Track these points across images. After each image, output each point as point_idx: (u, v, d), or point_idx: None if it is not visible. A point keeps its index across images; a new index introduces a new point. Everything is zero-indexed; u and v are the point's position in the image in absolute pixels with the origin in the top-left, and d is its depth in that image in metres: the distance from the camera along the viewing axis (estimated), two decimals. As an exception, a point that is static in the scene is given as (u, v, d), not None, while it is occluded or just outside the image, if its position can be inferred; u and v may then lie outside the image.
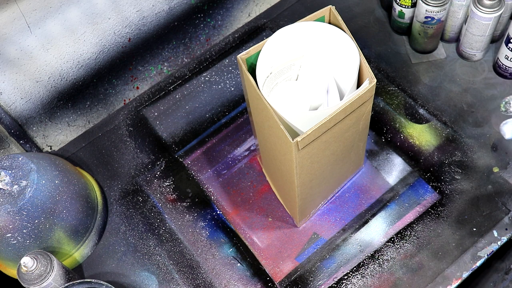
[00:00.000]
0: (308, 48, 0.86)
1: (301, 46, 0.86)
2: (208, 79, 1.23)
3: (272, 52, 0.83)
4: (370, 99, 0.84)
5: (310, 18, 0.84)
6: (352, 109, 0.80)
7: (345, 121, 0.82)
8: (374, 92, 0.83)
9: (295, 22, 0.83)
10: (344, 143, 0.90)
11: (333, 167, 0.94)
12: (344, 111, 0.78)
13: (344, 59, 0.84)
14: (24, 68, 1.08)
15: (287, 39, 0.84)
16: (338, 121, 0.80)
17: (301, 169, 0.85)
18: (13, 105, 1.12)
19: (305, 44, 0.86)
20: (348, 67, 0.83)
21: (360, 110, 0.84)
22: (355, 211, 1.04)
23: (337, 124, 0.80)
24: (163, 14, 1.24)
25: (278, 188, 1.05)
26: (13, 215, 0.91)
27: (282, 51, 0.85)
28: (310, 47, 0.86)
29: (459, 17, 1.12)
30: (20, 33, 1.02)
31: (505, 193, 1.02)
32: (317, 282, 0.99)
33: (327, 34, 0.84)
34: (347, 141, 0.90)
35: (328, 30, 0.83)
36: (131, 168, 1.13)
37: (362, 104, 0.82)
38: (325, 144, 0.83)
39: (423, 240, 1.00)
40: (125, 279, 1.02)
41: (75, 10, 1.08)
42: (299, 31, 0.84)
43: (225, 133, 1.16)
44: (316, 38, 0.85)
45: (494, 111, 1.10)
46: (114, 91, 1.29)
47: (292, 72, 0.89)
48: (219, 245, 1.04)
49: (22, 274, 0.89)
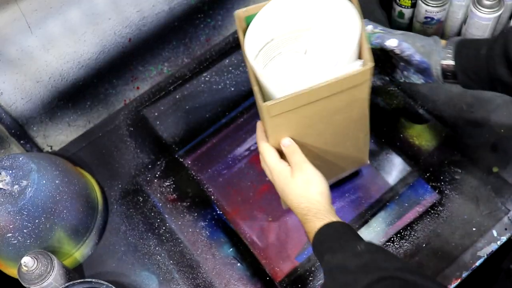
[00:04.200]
0: (316, 19, 0.82)
1: (308, 15, 0.81)
2: (208, 79, 1.23)
3: (274, 16, 0.79)
4: (365, 84, 0.79)
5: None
6: (340, 88, 0.76)
7: (333, 101, 0.77)
8: (370, 78, 0.78)
9: None
10: (334, 128, 0.86)
11: (325, 152, 0.90)
12: (328, 88, 0.74)
13: (347, 33, 0.79)
14: (25, 68, 1.08)
15: (292, 5, 0.80)
16: (321, 98, 0.75)
17: (276, 139, 0.81)
18: (13, 105, 1.12)
19: (312, 13, 0.81)
20: (348, 41, 0.78)
21: (351, 93, 0.79)
22: (355, 211, 1.04)
23: (321, 100, 0.76)
24: (164, 14, 1.24)
25: None
26: (14, 215, 0.91)
27: (285, 16, 0.80)
28: (319, 18, 0.82)
29: (459, 18, 1.12)
30: (20, 33, 1.02)
31: (505, 193, 1.02)
32: (317, 282, 0.99)
33: (334, 5, 0.79)
34: (339, 126, 0.86)
35: (335, 1, 0.79)
36: (131, 168, 1.14)
37: (354, 87, 0.77)
38: (307, 120, 0.79)
39: (423, 240, 1.00)
40: (126, 278, 1.02)
41: (76, 10, 1.08)
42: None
43: (225, 133, 1.16)
44: (324, 9, 0.80)
45: (494, 111, 1.10)
46: (114, 91, 1.29)
47: (298, 44, 0.84)
48: (219, 245, 1.04)
49: (22, 274, 0.89)
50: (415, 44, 0.88)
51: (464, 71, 0.85)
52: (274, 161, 0.83)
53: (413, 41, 0.88)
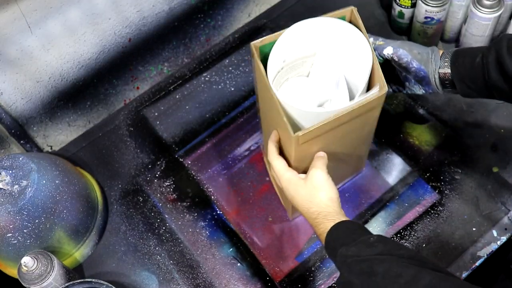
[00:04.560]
0: (323, 44, 0.85)
1: (317, 41, 0.85)
2: (208, 79, 1.23)
3: (287, 45, 0.82)
4: (379, 106, 0.84)
5: (330, 16, 0.83)
6: (359, 113, 0.80)
7: (350, 124, 0.82)
8: (383, 101, 0.82)
9: (314, 17, 0.82)
10: (346, 145, 0.89)
11: (334, 166, 0.94)
12: (350, 114, 0.78)
13: (357, 60, 0.83)
14: (25, 68, 1.08)
15: (304, 33, 0.83)
16: (343, 123, 0.80)
17: (299, 164, 0.85)
18: (13, 105, 1.12)
19: (321, 40, 0.84)
20: (360, 69, 0.82)
21: (367, 116, 0.83)
22: (355, 211, 1.04)
23: (342, 125, 0.80)
24: (164, 14, 1.24)
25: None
26: (14, 215, 0.91)
27: (297, 44, 0.84)
28: (326, 44, 0.85)
29: (459, 18, 1.12)
30: (20, 33, 1.03)
31: (505, 193, 1.02)
32: (317, 281, 0.99)
33: (344, 33, 0.83)
34: (350, 143, 0.90)
35: (346, 28, 0.82)
36: (131, 168, 1.14)
37: (370, 110, 0.82)
38: (326, 143, 0.83)
39: (423, 240, 1.00)
40: (125, 278, 1.02)
41: (76, 10, 1.08)
42: (316, 27, 0.83)
43: (225, 133, 1.16)
44: (333, 35, 0.84)
45: (494, 111, 1.10)
46: (114, 91, 1.29)
47: (304, 68, 0.88)
48: (219, 245, 1.04)
49: (22, 274, 0.89)
50: (412, 51, 0.90)
51: (461, 79, 0.86)
52: (283, 170, 0.85)
53: (409, 48, 0.90)
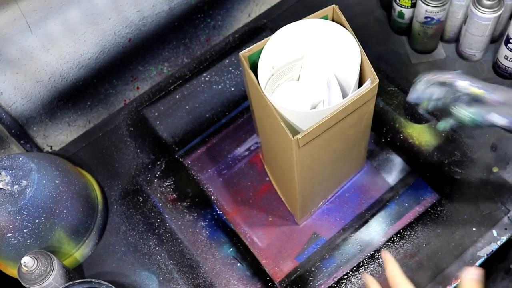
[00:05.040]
0: (310, 46, 0.86)
1: (303, 44, 0.86)
2: (208, 79, 1.23)
3: (274, 51, 0.83)
4: (372, 99, 0.84)
5: (313, 17, 0.84)
6: (354, 108, 0.80)
7: (347, 120, 0.82)
8: (376, 92, 0.83)
9: (297, 21, 0.83)
10: (345, 142, 0.90)
11: (335, 165, 0.94)
12: (346, 110, 0.78)
13: (346, 57, 0.84)
14: (25, 68, 1.08)
15: (289, 38, 0.84)
16: (339, 120, 0.80)
17: (302, 166, 0.85)
18: (13, 105, 1.12)
19: (307, 42, 0.85)
20: (349, 65, 0.83)
21: (361, 110, 0.83)
22: (355, 211, 1.04)
23: (338, 122, 0.80)
24: (164, 14, 1.24)
25: (279, 185, 1.05)
26: (14, 215, 0.91)
27: (284, 49, 0.85)
28: (312, 45, 0.86)
29: (459, 17, 1.12)
30: (20, 33, 1.03)
31: (505, 193, 1.02)
32: (317, 281, 0.99)
33: (329, 32, 0.83)
34: (349, 139, 0.90)
35: (330, 27, 0.83)
36: (131, 168, 1.14)
37: (364, 103, 0.82)
38: (326, 142, 0.83)
39: (423, 240, 1.00)
40: (125, 278, 1.02)
41: (76, 10, 1.08)
42: (301, 29, 0.84)
43: (225, 133, 1.16)
44: (318, 36, 0.85)
45: (494, 111, 1.10)
46: (114, 91, 1.29)
47: (294, 72, 0.89)
48: (219, 245, 1.04)
49: (22, 274, 0.89)
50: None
51: None
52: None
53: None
